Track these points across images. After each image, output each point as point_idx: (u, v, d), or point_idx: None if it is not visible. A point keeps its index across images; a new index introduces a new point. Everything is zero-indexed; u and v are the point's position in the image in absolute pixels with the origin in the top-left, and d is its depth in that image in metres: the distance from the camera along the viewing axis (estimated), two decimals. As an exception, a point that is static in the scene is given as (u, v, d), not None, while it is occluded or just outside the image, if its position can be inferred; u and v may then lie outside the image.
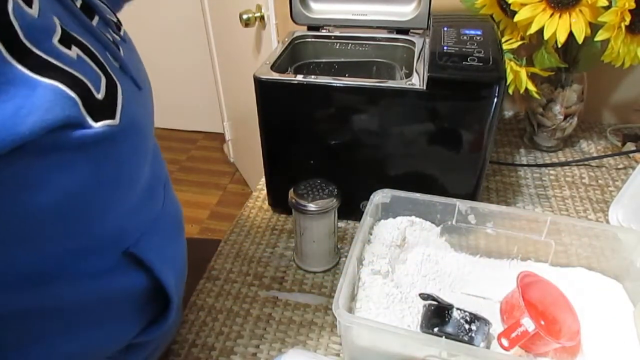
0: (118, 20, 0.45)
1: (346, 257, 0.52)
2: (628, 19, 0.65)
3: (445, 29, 0.66)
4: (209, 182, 2.18)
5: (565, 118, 0.85)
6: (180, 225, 0.51)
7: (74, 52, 0.33)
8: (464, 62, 0.58)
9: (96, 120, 0.32)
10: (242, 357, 0.54)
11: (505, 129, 0.97)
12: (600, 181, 0.82)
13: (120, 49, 0.40)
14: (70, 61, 0.32)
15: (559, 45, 0.70)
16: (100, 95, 0.33)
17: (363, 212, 0.58)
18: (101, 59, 0.35)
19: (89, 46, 0.35)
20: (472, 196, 0.64)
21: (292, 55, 0.75)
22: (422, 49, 0.69)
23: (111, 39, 0.39)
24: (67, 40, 0.33)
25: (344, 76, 0.63)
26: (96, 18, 0.39)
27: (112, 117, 0.34)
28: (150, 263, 0.42)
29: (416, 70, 0.62)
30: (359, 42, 0.76)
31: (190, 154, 2.40)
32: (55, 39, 0.32)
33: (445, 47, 0.61)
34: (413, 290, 0.56)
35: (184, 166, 2.31)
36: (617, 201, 0.70)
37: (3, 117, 0.27)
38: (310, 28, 0.77)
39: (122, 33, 0.43)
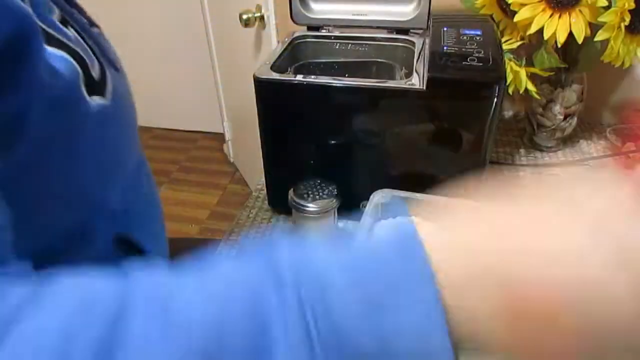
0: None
1: (346, 257, 0.52)
2: (628, 19, 0.65)
3: (445, 29, 0.66)
4: (209, 182, 2.18)
5: (565, 118, 0.85)
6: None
7: (71, 31, 0.34)
8: (463, 62, 0.58)
9: (90, 96, 0.33)
10: (242, 357, 0.54)
11: (505, 129, 0.97)
12: (600, 181, 0.81)
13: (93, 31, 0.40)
14: (69, 38, 0.33)
15: (559, 46, 0.70)
16: (95, 74, 0.34)
17: (363, 212, 0.58)
18: (88, 40, 0.36)
19: (78, 28, 0.35)
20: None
21: (292, 55, 0.75)
22: (422, 49, 0.69)
23: (86, 22, 0.40)
24: (64, 20, 0.34)
25: (344, 76, 0.63)
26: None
27: (104, 96, 0.35)
28: (141, 245, 0.42)
29: (416, 70, 0.62)
30: (359, 42, 0.76)
31: (190, 153, 2.40)
32: (55, 17, 0.32)
33: (445, 47, 0.61)
34: (413, 290, 0.56)
35: (183, 166, 2.31)
36: (617, 201, 0.70)
37: None
38: (310, 28, 0.77)
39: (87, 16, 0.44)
